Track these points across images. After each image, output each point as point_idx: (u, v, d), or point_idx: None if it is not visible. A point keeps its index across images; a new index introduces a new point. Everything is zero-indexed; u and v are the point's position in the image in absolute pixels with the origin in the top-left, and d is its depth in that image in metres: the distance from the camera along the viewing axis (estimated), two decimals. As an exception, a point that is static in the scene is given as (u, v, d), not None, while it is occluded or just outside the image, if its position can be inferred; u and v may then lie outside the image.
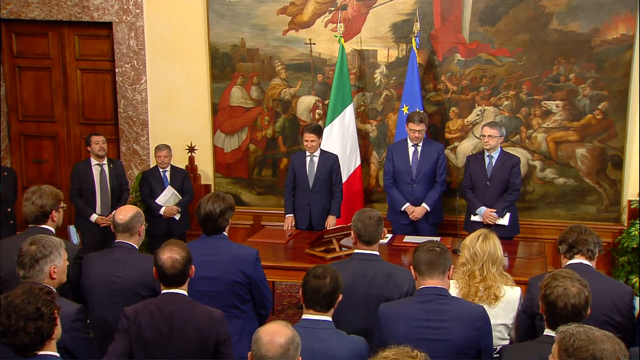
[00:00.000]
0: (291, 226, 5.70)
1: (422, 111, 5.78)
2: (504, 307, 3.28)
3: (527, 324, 3.22)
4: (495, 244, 3.34)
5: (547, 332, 2.65)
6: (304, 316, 2.81)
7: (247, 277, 3.53)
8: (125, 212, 3.53)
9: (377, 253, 3.41)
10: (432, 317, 2.83)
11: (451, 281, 3.30)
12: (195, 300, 3.01)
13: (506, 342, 3.28)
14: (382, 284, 3.28)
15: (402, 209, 5.58)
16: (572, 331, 2.19)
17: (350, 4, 6.27)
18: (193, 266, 3.02)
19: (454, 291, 3.27)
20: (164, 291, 2.98)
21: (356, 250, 3.44)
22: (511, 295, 3.31)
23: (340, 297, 2.85)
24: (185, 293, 2.98)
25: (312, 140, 5.62)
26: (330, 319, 2.81)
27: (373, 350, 2.96)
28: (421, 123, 5.50)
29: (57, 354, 2.45)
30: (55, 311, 2.43)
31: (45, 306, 2.38)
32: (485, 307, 3.20)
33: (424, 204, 5.56)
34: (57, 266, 2.97)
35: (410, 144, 5.61)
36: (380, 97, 6.40)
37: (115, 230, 3.55)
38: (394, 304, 3.01)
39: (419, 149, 5.61)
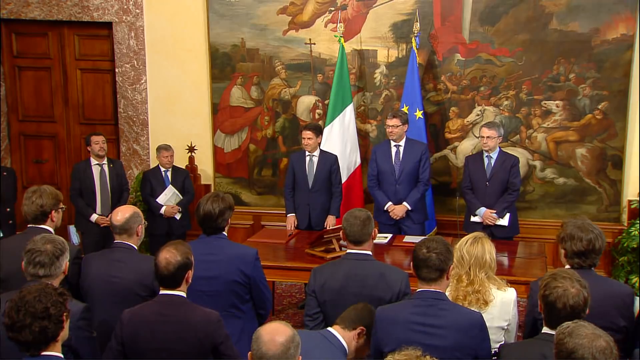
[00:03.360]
0: (293, 226, 5.70)
1: (401, 110, 5.80)
2: (499, 309, 3.25)
3: (531, 330, 3.17)
4: (484, 248, 3.27)
5: (546, 330, 2.65)
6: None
7: (246, 277, 3.53)
8: (123, 213, 3.52)
9: (370, 253, 3.38)
10: (428, 321, 2.80)
11: None
12: (193, 301, 3.00)
13: (501, 344, 3.26)
14: (374, 284, 3.25)
15: (385, 208, 5.58)
16: (564, 326, 2.25)
17: (350, 4, 6.28)
18: (191, 271, 2.97)
19: None
20: (161, 292, 2.96)
21: (349, 251, 3.41)
22: (506, 297, 3.27)
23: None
24: (183, 294, 2.96)
25: (309, 138, 5.61)
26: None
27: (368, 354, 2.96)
28: (394, 118, 5.48)
29: (61, 355, 2.45)
30: (65, 314, 2.42)
31: (54, 307, 2.37)
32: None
33: (404, 203, 5.54)
34: (68, 262, 3.05)
35: (392, 144, 5.59)
36: (380, 97, 6.40)
37: (113, 231, 3.54)
38: (391, 307, 2.98)
39: (401, 149, 5.59)
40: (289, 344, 2.28)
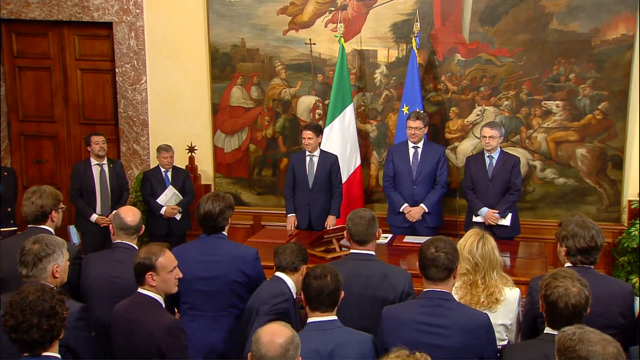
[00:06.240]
0: (293, 226, 5.69)
1: (422, 111, 5.78)
2: (503, 308, 3.25)
3: (530, 327, 3.18)
4: (491, 246, 3.29)
5: (548, 330, 2.65)
6: (311, 319, 2.79)
7: (246, 277, 3.53)
8: (134, 215, 3.55)
9: (373, 253, 3.39)
10: (435, 322, 2.79)
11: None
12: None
13: (504, 343, 3.26)
14: (378, 284, 3.26)
15: (401, 209, 5.57)
16: (568, 331, 2.23)
17: (350, 4, 6.27)
18: (153, 274, 2.98)
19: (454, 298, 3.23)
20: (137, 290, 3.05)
21: (352, 251, 3.42)
22: (510, 296, 3.28)
23: (343, 293, 2.84)
24: (153, 295, 2.99)
25: (309, 138, 5.61)
26: (336, 317, 2.80)
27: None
28: (417, 120, 5.49)
29: (59, 356, 2.47)
30: (65, 312, 2.46)
31: (59, 305, 2.42)
32: (485, 311, 3.17)
33: (422, 205, 5.54)
34: (59, 265, 2.98)
35: (410, 145, 5.60)
36: (380, 97, 6.40)
37: (125, 232, 3.53)
38: (397, 307, 2.98)
39: (419, 150, 5.59)
40: (288, 345, 2.28)
